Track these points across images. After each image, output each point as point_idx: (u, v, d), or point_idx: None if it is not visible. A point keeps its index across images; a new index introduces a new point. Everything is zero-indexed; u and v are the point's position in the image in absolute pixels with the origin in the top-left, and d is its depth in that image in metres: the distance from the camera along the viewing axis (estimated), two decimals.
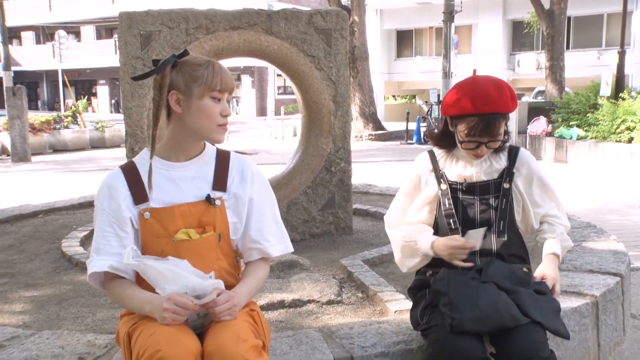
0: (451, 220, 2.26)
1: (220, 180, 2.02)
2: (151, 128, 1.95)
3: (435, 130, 2.38)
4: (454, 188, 2.28)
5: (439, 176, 2.31)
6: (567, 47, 24.54)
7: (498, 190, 2.26)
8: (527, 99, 14.69)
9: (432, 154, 2.37)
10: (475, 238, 2.19)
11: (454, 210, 2.26)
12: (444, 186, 2.29)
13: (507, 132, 2.26)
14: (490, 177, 2.27)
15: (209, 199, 1.97)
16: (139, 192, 1.95)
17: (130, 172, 1.98)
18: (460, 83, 2.23)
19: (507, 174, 2.27)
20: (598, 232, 3.98)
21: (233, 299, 1.85)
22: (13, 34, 45.61)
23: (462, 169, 2.29)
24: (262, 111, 37.82)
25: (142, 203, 1.94)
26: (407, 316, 2.50)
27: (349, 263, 3.56)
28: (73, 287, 3.47)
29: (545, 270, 2.21)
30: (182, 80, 1.90)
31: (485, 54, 30.03)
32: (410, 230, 2.33)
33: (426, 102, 22.70)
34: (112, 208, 1.93)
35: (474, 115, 2.13)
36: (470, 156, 2.24)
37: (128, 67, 4.12)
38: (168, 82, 1.90)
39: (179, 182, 1.98)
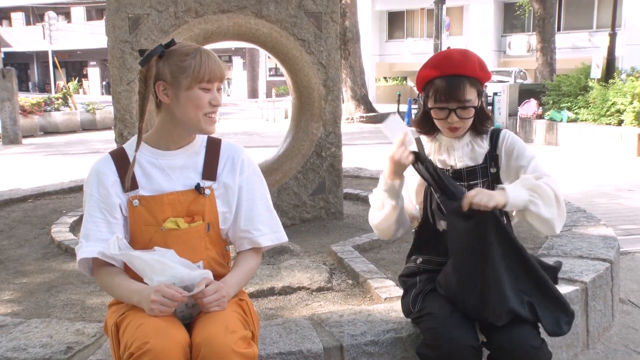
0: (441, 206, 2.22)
1: (210, 170, 1.98)
2: (138, 121, 1.91)
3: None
4: None
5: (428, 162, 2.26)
6: (558, 29, 24.48)
7: (486, 175, 2.22)
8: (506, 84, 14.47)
9: (418, 141, 2.32)
10: (395, 128, 2.10)
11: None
12: None
13: (489, 116, 2.20)
14: (476, 162, 2.22)
15: (198, 188, 1.94)
16: (129, 179, 1.91)
17: (119, 158, 1.95)
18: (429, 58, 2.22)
19: (491, 157, 2.21)
20: (588, 217, 3.98)
21: (222, 289, 1.82)
22: (3, 15, 45.13)
23: (445, 155, 2.25)
24: (253, 93, 37.65)
25: (132, 190, 1.91)
26: (397, 303, 2.48)
27: (339, 249, 3.54)
28: (62, 274, 3.44)
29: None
30: (168, 71, 1.85)
31: (477, 36, 29.95)
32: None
33: None
34: (102, 194, 1.90)
35: (438, 77, 2.10)
36: (446, 131, 2.17)
37: (116, 51, 4.05)
38: (154, 74, 1.85)
39: (168, 171, 1.94)
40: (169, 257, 1.85)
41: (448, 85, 2.09)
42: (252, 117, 22.14)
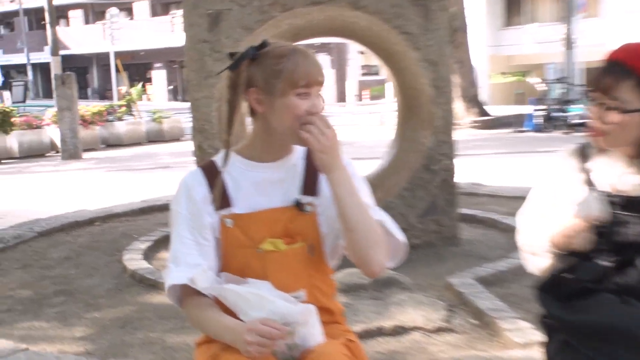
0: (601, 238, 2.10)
1: (310, 183, 2.02)
2: (224, 133, 1.97)
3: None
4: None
5: (588, 181, 2.11)
6: None
7: None
8: None
9: (583, 148, 2.17)
10: (590, 206, 1.98)
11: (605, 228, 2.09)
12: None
13: None
14: None
15: (298, 204, 1.98)
16: (220, 196, 1.99)
17: (210, 172, 2.02)
18: None
19: None
20: None
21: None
22: (60, 14, 47.76)
23: (616, 176, 2.10)
24: (341, 96, 37.95)
25: (224, 208, 1.98)
26: (537, 351, 2.44)
27: (458, 282, 3.53)
28: (138, 308, 3.59)
29: None
30: (261, 76, 1.91)
31: (622, 17, 28.80)
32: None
33: (542, 80, 22.04)
34: (192, 211, 1.97)
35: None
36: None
37: (194, 53, 4.23)
38: (245, 80, 1.92)
39: (264, 186, 2.00)
40: (265, 290, 1.89)
41: (601, 71, 1.99)
42: (341, 124, 22.31)
